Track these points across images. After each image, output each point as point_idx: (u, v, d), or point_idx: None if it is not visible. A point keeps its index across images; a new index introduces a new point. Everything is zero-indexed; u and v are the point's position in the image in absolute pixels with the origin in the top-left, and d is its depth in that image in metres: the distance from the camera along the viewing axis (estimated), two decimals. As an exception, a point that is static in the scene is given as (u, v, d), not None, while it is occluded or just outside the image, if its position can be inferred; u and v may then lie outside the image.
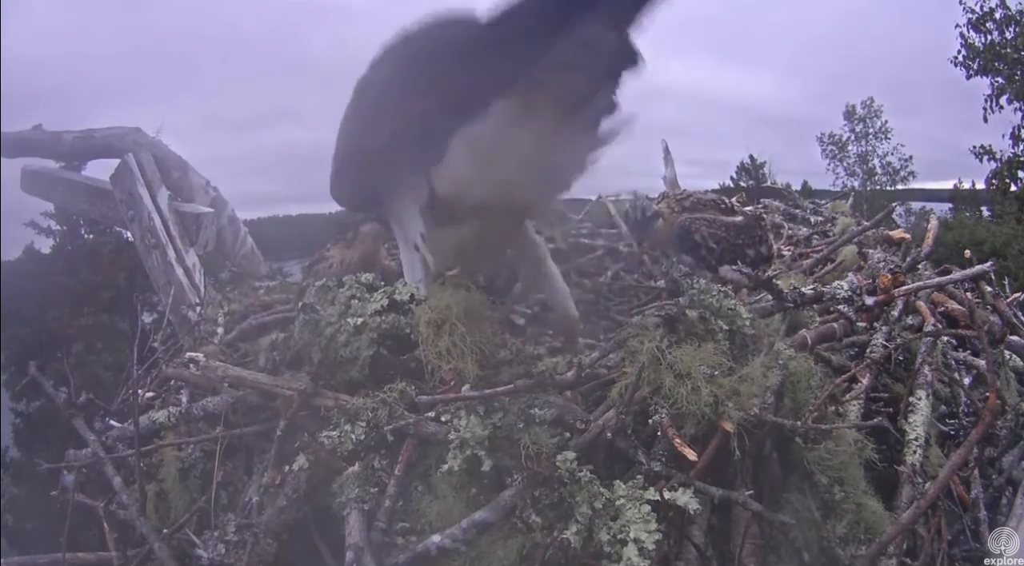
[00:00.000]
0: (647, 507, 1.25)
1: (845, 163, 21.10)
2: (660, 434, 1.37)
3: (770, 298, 1.77)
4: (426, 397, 1.49)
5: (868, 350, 1.78)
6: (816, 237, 2.99)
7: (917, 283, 2.01)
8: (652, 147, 3.79)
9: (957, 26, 14.43)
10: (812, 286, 1.85)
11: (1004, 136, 14.18)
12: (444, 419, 1.44)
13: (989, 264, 2.03)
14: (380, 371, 1.61)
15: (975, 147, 14.39)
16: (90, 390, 1.99)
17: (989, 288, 2.18)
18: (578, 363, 1.47)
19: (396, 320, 1.65)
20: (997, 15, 14.10)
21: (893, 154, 20.68)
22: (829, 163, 21.27)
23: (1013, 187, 14.19)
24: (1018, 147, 14.12)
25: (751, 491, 1.33)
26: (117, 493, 1.71)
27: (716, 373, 1.39)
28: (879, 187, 20.27)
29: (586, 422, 1.39)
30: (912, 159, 20.49)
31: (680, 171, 3.71)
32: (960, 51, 14.47)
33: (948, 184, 18.50)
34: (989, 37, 14.29)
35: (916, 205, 19.00)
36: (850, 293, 1.79)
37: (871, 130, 20.94)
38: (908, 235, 2.67)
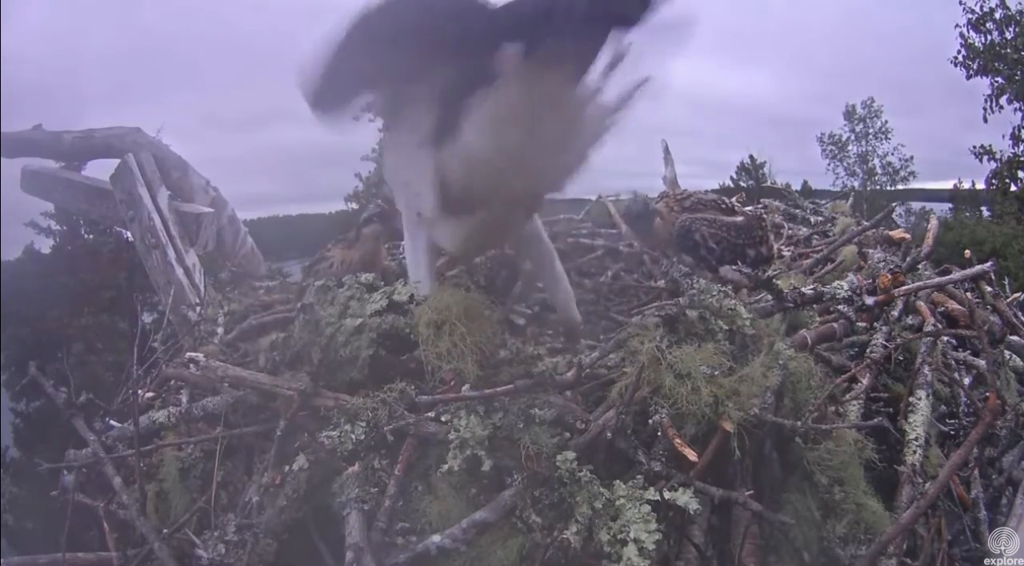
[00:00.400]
0: (647, 507, 1.25)
1: (845, 163, 21.09)
2: (660, 434, 1.37)
3: (770, 298, 1.77)
4: (426, 397, 1.49)
5: (868, 350, 1.78)
6: (816, 237, 2.99)
7: (917, 283, 2.01)
8: (652, 147, 3.79)
9: (957, 26, 14.43)
10: (812, 286, 1.85)
11: (1004, 136, 14.19)
12: (444, 419, 1.44)
13: (989, 264, 2.03)
14: (380, 371, 1.61)
15: (975, 147, 14.40)
16: (90, 390, 1.98)
17: (989, 288, 2.18)
18: (578, 363, 1.47)
19: (395, 320, 1.65)
20: (997, 15, 14.10)
21: (893, 154, 20.68)
22: (829, 163, 21.24)
23: (1013, 187, 14.18)
24: (1018, 147, 14.12)
25: (751, 491, 1.33)
26: (117, 493, 1.70)
27: (716, 373, 1.40)
28: (879, 187, 20.26)
29: (586, 422, 1.39)
30: (912, 159, 20.49)
31: (680, 171, 3.72)
32: (960, 51, 14.47)
33: (948, 184, 18.47)
34: (989, 37, 14.29)
35: (916, 205, 18.99)
36: (850, 293, 1.79)
37: (871, 130, 20.93)
38: (908, 235, 2.67)
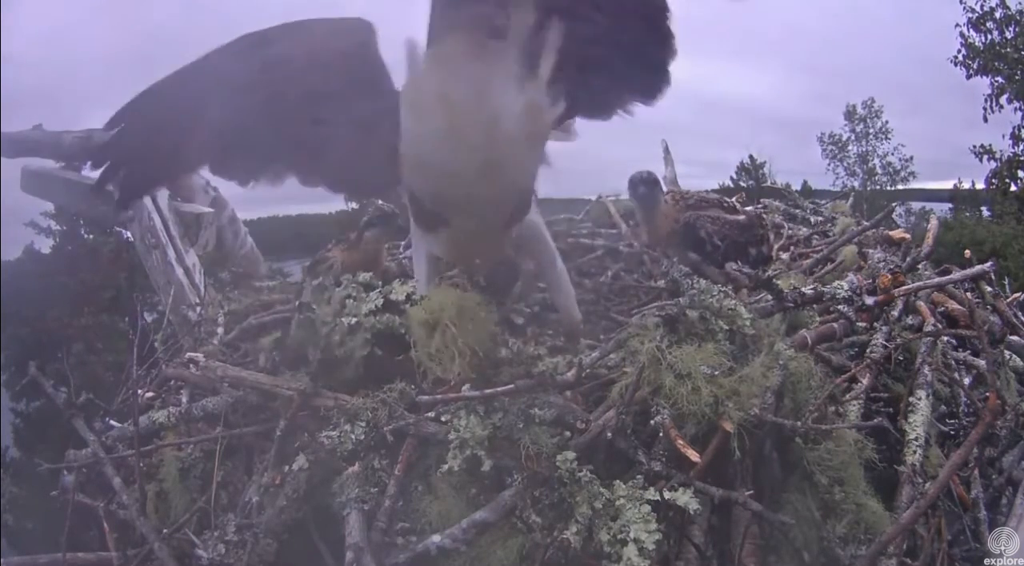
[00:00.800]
0: (647, 507, 1.25)
1: (845, 163, 21.06)
2: (662, 435, 1.37)
3: (770, 298, 1.77)
4: (427, 397, 1.49)
5: (868, 350, 1.78)
6: (816, 237, 2.99)
7: (917, 283, 2.01)
8: (652, 147, 3.79)
9: (957, 25, 14.42)
10: (812, 286, 1.85)
11: (1004, 136, 14.18)
12: (444, 419, 1.44)
13: (989, 264, 2.03)
14: (375, 371, 1.61)
15: (975, 147, 14.39)
16: (90, 390, 1.98)
17: (989, 288, 2.18)
18: (578, 363, 1.47)
19: (390, 320, 1.66)
20: (997, 14, 14.09)
21: (893, 154, 20.67)
22: (829, 163, 21.22)
23: (1013, 187, 14.18)
24: (1018, 147, 14.11)
25: (751, 491, 1.33)
26: (117, 493, 1.70)
27: (716, 373, 1.39)
28: (879, 187, 20.25)
29: (586, 422, 1.39)
30: (912, 159, 20.48)
31: (680, 171, 3.71)
32: (960, 50, 14.47)
33: (948, 184, 18.45)
34: (989, 36, 14.29)
35: (916, 205, 18.97)
36: (850, 293, 1.79)
37: (871, 130, 20.92)
38: (908, 235, 2.67)
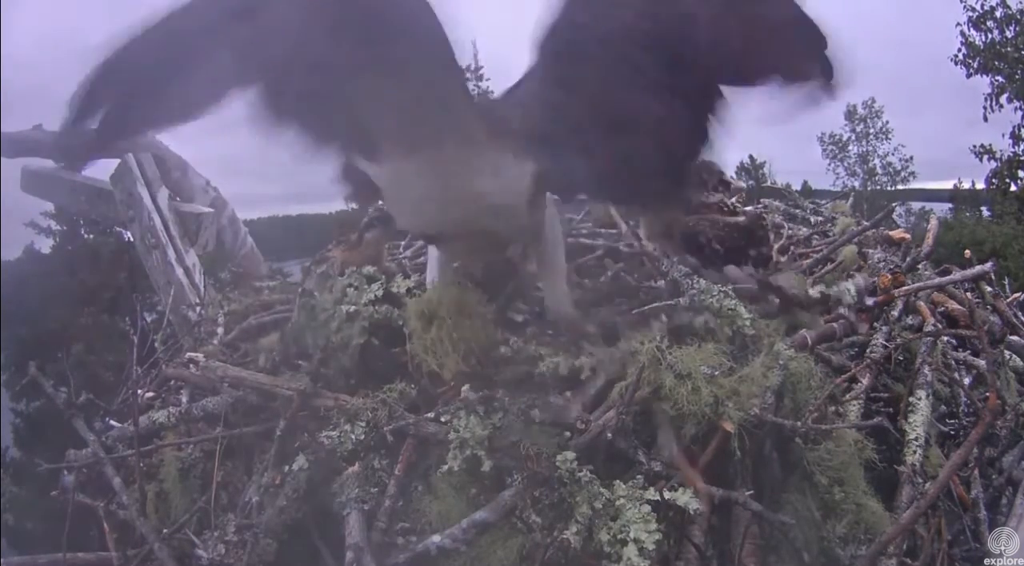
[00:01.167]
0: (647, 507, 1.25)
1: (845, 163, 21.11)
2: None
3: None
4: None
5: (868, 350, 1.78)
6: (816, 237, 2.98)
7: (917, 283, 2.01)
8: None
9: (957, 24, 14.44)
10: (818, 290, 1.85)
11: (1004, 135, 14.19)
12: (444, 419, 1.44)
13: (989, 264, 2.03)
14: (371, 361, 1.62)
15: (975, 146, 14.41)
16: (90, 390, 1.98)
17: (989, 288, 2.18)
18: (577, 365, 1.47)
19: (389, 311, 1.67)
20: (997, 14, 14.10)
21: (894, 154, 20.69)
22: (829, 163, 21.26)
23: (1013, 187, 14.19)
24: (1018, 146, 14.12)
25: (751, 491, 1.33)
26: (117, 493, 1.70)
27: (716, 373, 1.40)
28: (879, 187, 20.27)
29: (586, 422, 1.39)
30: (913, 160, 20.51)
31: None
32: (960, 49, 14.48)
33: (948, 184, 18.49)
34: (989, 35, 14.29)
35: (916, 205, 19.00)
36: (856, 297, 1.79)
37: (872, 130, 20.95)
38: (908, 235, 2.67)
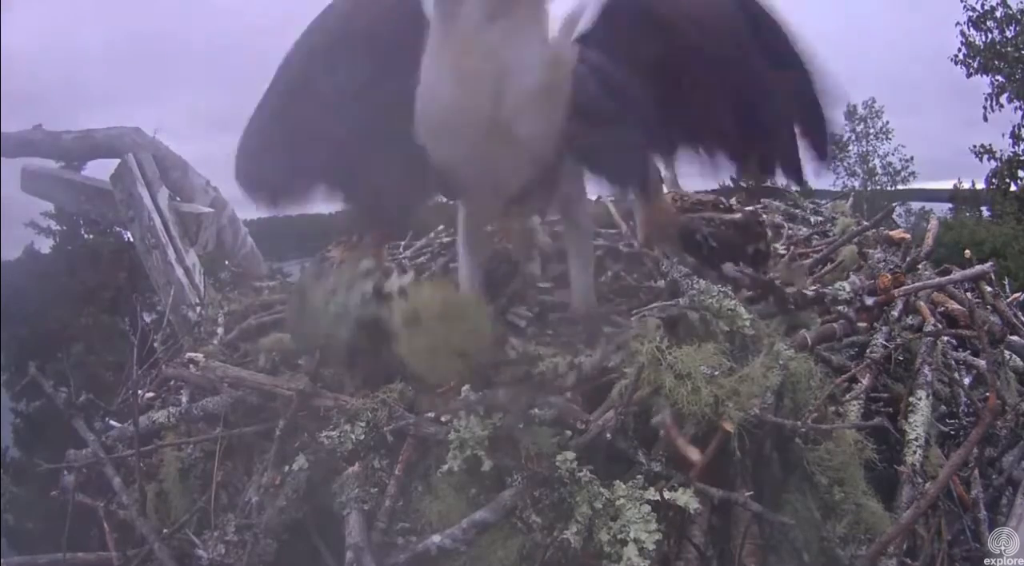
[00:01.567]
0: (647, 507, 1.25)
1: (845, 163, 21.07)
2: (662, 434, 1.37)
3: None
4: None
5: (868, 350, 1.78)
6: (816, 237, 2.98)
7: (917, 283, 2.01)
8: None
9: (957, 24, 14.42)
10: (813, 287, 1.85)
11: (1004, 135, 14.18)
12: (444, 419, 1.44)
13: (989, 264, 2.03)
14: (357, 360, 1.62)
15: (975, 146, 14.38)
16: (90, 390, 1.98)
17: (989, 288, 2.18)
18: (578, 366, 1.47)
19: (377, 309, 1.66)
20: (998, 13, 14.09)
21: (894, 154, 20.68)
22: (829, 163, 21.22)
23: (1013, 187, 14.17)
24: (1018, 146, 14.09)
25: (751, 491, 1.33)
26: (117, 493, 1.71)
27: (716, 373, 1.39)
28: (879, 187, 20.25)
29: (586, 422, 1.39)
30: (913, 160, 20.49)
31: (680, 171, 3.70)
32: (960, 49, 14.46)
33: (948, 184, 18.46)
34: (989, 35, 14.28)
35: (916, 205, 18.99)
36: (851, 294, 1.79)
37: (872, 130, 20.93)
38: (908, 235, 2.67)
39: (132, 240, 3.39)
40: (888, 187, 20.26)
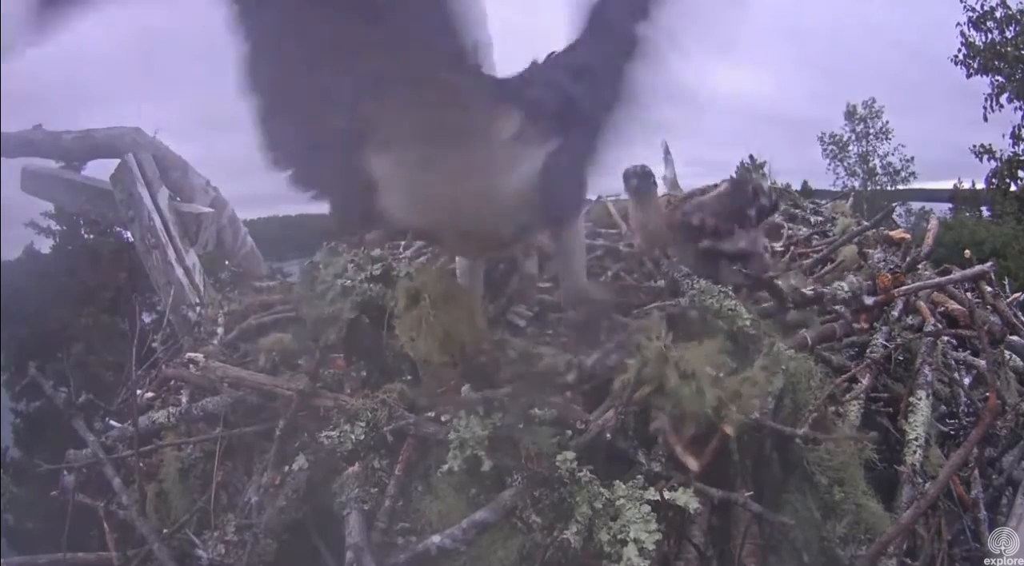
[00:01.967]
0: (647, 507, 1.25)
1: (845, 163, 21.08)
2: (661, 441, 1.37)
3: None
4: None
5: (868, 350, 1.78)
6: (816, 237, 2.98)
7: (917, 283, 2.00)
8: (652, 147, 3.78)
9: (957, 24, 14.43)
10: (812, 287, 1.85)
11: (1004, 135, 14.18)
12: (444, 419, 1.44)
13: (989, 264, 2.03)
14: (357, 338, 1.65)
15: (975, 146, 14.38)
16: (90, 390, 1.98)
17: (989, 288, 2.18)
18: (578, 365, 1.47)
19: (382, 290, 1.68)
20: (998, 14, 14.09)
21: (894, 154, 20.67)
22: (829, 163, 21.23)
23: (1013, 187, 14.17)
24: (1018, 146, 14.10)
25: (751, 492, 1.33)
26: (117, 493, 1.71)
27: (720, 374, 1.39)
28: (879, 187, 20.25)
29: (586, 422, 1.39)
30: (913, 160, 20.49)
31: (680, 171, 3.69)
32: (960, 50, 14.46)
33: (948, 184, 18.47)
34: (989, 35, 14.28)
35: (916, 205, 19.00)
36: (850, 294, 1.79)
37: (872, 130, 20.92)
38: (908, 235, 2.66)
39: (132, 240, 3.38)
40: (888, 187, 20.26)
